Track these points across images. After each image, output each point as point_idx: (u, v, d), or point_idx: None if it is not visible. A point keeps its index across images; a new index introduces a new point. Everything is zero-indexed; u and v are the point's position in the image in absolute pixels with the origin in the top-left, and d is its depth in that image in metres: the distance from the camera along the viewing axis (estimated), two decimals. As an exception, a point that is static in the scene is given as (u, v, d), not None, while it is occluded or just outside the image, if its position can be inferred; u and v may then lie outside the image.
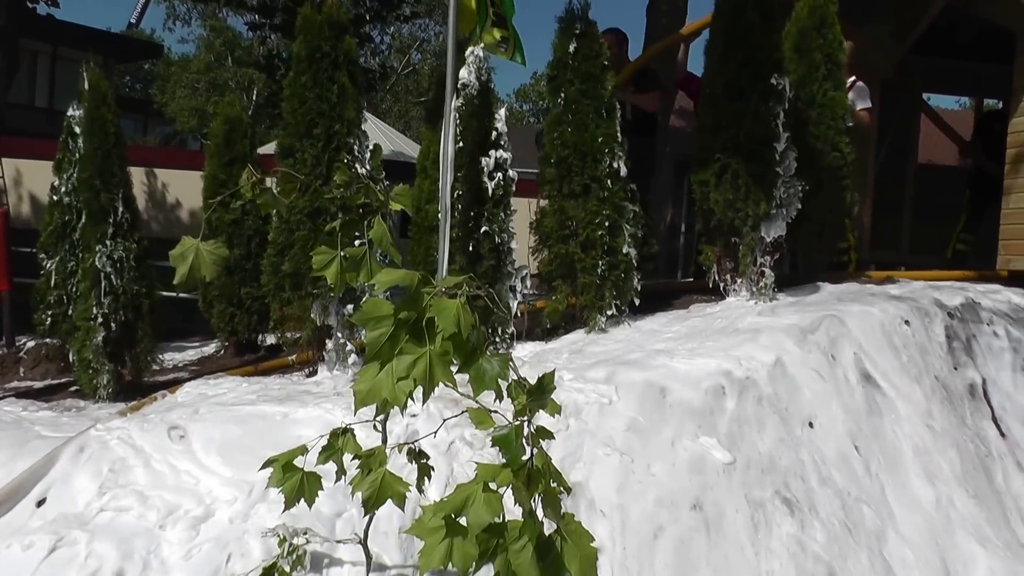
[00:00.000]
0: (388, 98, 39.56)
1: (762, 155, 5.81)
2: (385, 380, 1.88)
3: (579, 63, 5.87)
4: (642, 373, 4.54)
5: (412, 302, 1.89)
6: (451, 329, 1.82)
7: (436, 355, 1.87)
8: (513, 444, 2.02)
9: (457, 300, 1.91)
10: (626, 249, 5.76)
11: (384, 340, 1.88)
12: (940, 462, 4.67)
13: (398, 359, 1.87)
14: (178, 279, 2.25)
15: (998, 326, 5.73)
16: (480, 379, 1.91)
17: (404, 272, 2.02)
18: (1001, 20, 7.39)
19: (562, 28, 5.94)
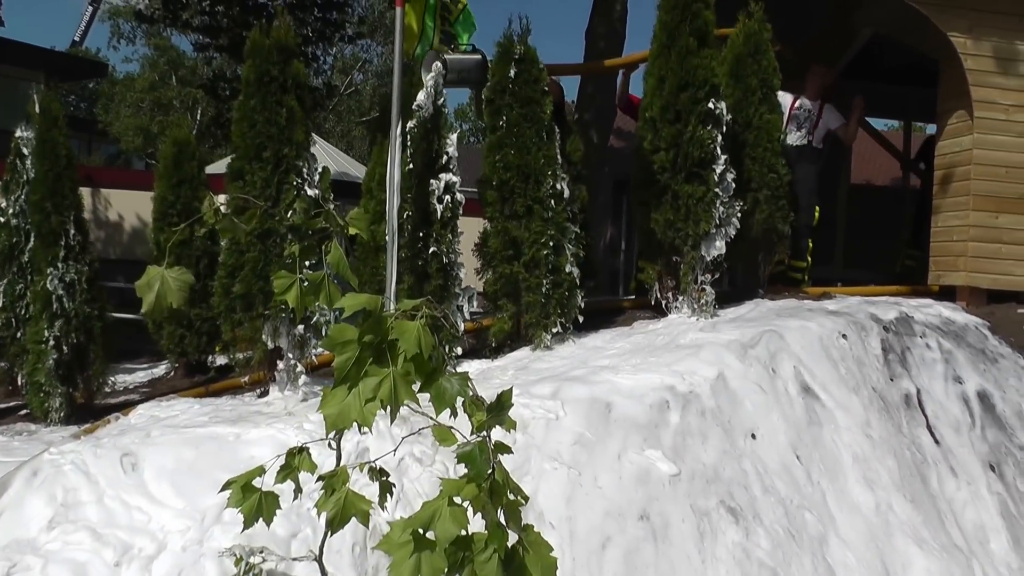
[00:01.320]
0: (331, 118, 39.47)
1: (701, 176, 5.97)
2: (354, 402, 1.94)
3: (519, 87, 5.98)
4: (587, 389, 4.65)
5: (376, 325, 1.95)
6: (413, 350, 1.90)
7: (399, 376, 1.94)
8: (478, 459, 2.08)
9: (418, 322, 1.96)
10: (569, 268, 5.88)
11: (351, 364, 1.94)
12: (879, 469, 4.82)
13: (364, 381, 1.93)
14: (145, 307, 2.29)
15: (930, 339, 5.90)
16: (441, 397, 1.98)
17: (368, 296, 2.08)
18: (925, 49, 7.67)
19: (501, 53, 6.04)
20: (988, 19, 7.23)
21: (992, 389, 5.68)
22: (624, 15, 11.98)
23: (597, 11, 11.91)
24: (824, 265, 8.41)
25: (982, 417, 5.46)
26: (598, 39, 11.69)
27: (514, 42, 6.04)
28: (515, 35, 6.06)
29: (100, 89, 42.51)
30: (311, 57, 16.05)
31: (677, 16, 6.10)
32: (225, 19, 14.00)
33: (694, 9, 6.11)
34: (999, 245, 7.29)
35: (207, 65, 29.83)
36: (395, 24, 5.31)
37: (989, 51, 7.21)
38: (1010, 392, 5.75)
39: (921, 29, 7.32)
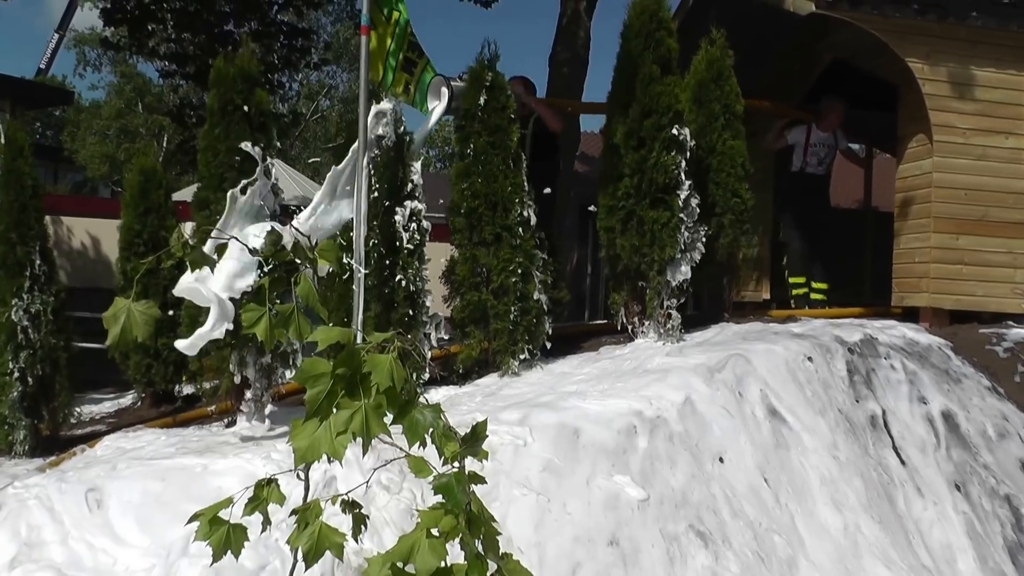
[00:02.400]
0: (298, 144, 39.47)
1: (666, 202, 6.02)
2: (324, 435, 1.93)
3: (488, 115, 6.01)
4: (555, 415, 4.66)
5: (349, 359, 1.95)
6: (386, 383, 1.89)
7: (371, 409, 1.93)
8: (455, 490, 2.07)
9: (390, 355, 1.94)
10: (537, 295, 5.91)
11: (323, 397, 1.93)
12: (846, 490, 4.86)
13: (336, 414, 1.92)
14: (110, 340, 2.28)
15: (895, 360, 5.97)
16: (414, 429, 1.97)
17: (340, 330, 2.09)
18: (885, 74, 7.81)
19: (471, 80, 6.06)
20: (945, 45, 7.37)
21: (956, 409, 5.75)
22: (587, 42, 12.12)
23: (561, 38, 12.04)
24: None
25: (947, 437, 5.52)
26: (562, 65, 11.81)
27: (485, 69, 6.07)
28: (485, 61, 6.09)
29: (66, 117, 42.22)
30: (277, 84, 16.07)
31: (640, 44, 6.17)
32: (191, 46, 14.02)
33: (657, 37, 6.18)
34: (960, 266, 7.40)
35: (173, 92, 29.71)
36: (360, 52, 5.33)
37: (946, 76, 7.34)
38: (974, 412, 5.83)
39: (881, 55, 7.45)
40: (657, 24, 6.21)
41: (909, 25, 7.29)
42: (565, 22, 12.09)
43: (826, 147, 8.38)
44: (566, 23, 12.07)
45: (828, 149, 8.38)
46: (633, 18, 6.27)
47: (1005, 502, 5.24)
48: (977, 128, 7.43)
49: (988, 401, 6.03)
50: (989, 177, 7.46)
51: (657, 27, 6.21)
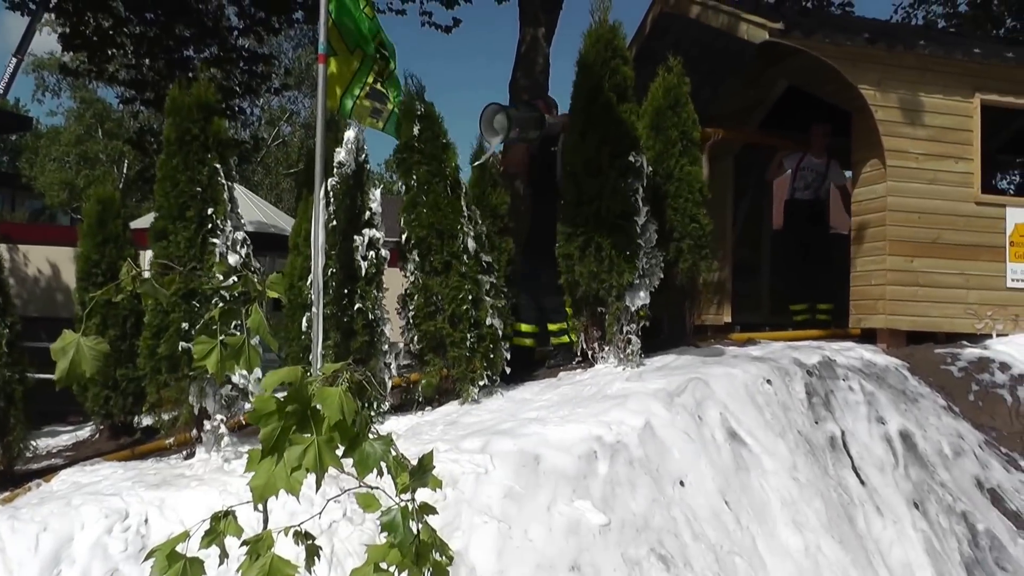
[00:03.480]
0: (260, 170, 39.28)
1: (624, 228, 6.05)
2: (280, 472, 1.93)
3: (424, 144, 6.06)
4: (516, 442, 4.67)
5: (298, 395, 1.95)
6: (336, 417, 1.90)
7: (323, 443, 1.94)
8: (401, 527, 2.08)
9: (339, 388, 1.95)
10: (491, 321, 5.92)
11: (276, 434, 1.93)
12: (807, 511, 4.89)
13: (289, 451, 1.93)
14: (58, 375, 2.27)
15: (853, 381, 6.04)
16: (365, 462, 1.97)
17: (287, 370, 2.09)
18: (838, 100, 7.95)
19: (404, 112, 6.05)
20: (895, 73, 7.54)
21: (914, 428, 5.82)
22: (547, 68, 12.19)
23: (520, 65, 12.11)
24: (751, 311, 8.58)
25: (905, 456, 5.59)
26: (521, 92, 11.86)
27: (414, 99, 6.10)
28: (414, 92, 6.12)
29: (24, 143, 41.72)
30: (238, 110, 15.98)
31: (597, 72, 6.21)
32: (151, 72, 13.91)
33: (613, 65, 6.24)
34: (916, 288, 7.53)
35: (133, 118, 29.46)
36: (318, 79, 5.34)
37: (897, 103, 7.50)
38: (931, 431, 5.91)
39: (834, 82, 7.59)
40: (613, 52, 6.27)
41: (860, 53, 7.45)
42: (524, 49, 12.15)
43: (815, 172, 8.58)
44: (525, 50, 12.14)
45: (816, 175, 8.55)
46: (589, 46, 6.32)
47: (962, 519, 5.30)
48: (928, 153, 7.60)
49: (944, 420, 6.13)
50: (941, 201, 7.62)
51: (613, 55, 6.26)
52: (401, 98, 5.93)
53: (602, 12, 6.38)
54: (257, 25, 14.48)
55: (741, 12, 7.56)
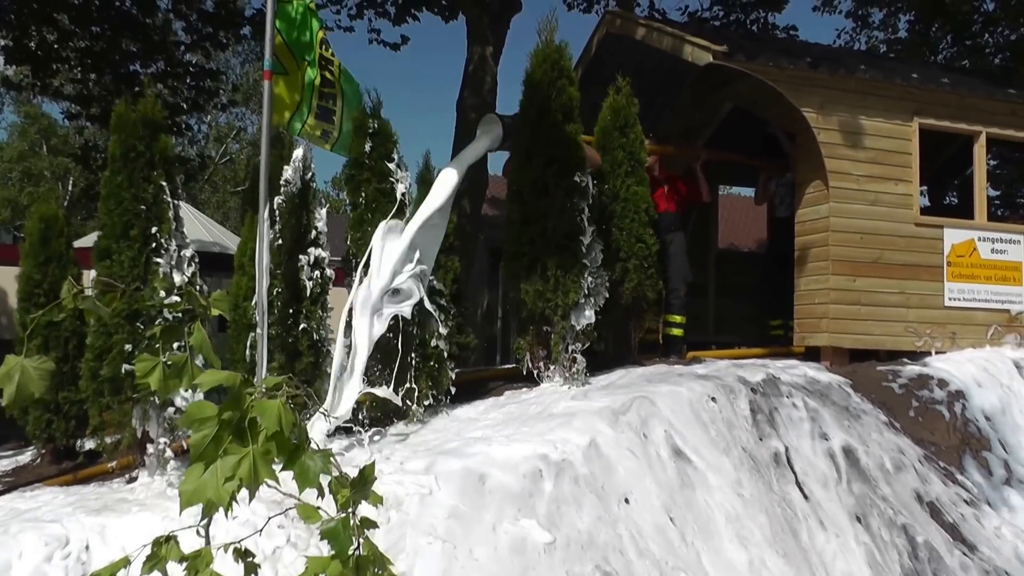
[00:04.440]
0: (206, 188, 38.84)
1: (569, 248, 6.08)
2: (210, 480, 1.90)
3: (375, 162, 6.01)
4: (461, 461, 4.66)
5: (235, 402, 1.92)
6: (273, 428, 1.87)
7: (259, 454, 1.90)
8: (342, 536, 2.06)
9: (278, 400, 1.93)
10: (436, 341, 5.90)
11: (208, 441, 1.90)
12: (751, 526, 4.92)
13: (223, 460, 1.89)
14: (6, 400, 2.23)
15: (797, 398, 6.11)
16: (304, 475, 1.95)
17: (227, 373, 2.07)
18: (782, 122, 8.09)
19: (357, 128, 6.05)
20: (838, 96, 7.69)
21: (856, 444, 5.89)
22: (494, 88, 12.28)
23: (468, 84, 12.18)
24: (697, 330, 8.66)
25: (848, 471, 5.65)
26: (468, 110, 11.92)
27: (368, 116, 6.07)
28: (368, 109, 6.10)
29: (-35, 159, 40.84)
30: (184, 126, 15.81)
31: (543, 92, 6.25)
32: (97, 87, 13.73)
33: (559, 85, 6.28)
34: (858, 307, 7.66)
35: (79, 134, 28.97)
36: (264, 97, 5.32)
37: (839, 126, 7.65)
38: (873, 446, 5.99)
39: (778, 104, 7.71)
40: (559, 72, 6.31)
41: (803, 76, 7.59)
42: (472, 68, 12.23)
43: (785, 186, 8.67)
44: (473, 69, 12.21)
45: (787, 187, 8.65)
46: (535, 67, 6.36)
47: (902, 532, 5.38)
48: (870, 175, 7.75)
49: (886, 435, 6.22)
50: (882, 221, 7.78)
51: (559, 75, 6.30)
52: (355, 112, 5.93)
53: (548, 32, 6.41)
54: (204, 40, 14.39)
55: (686, 35, 7.67)
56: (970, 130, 8.34)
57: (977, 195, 8.41)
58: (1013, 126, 8.47)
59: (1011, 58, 18.46)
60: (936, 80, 8.40)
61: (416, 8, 14.60)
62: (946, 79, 8.60)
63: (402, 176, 6.08)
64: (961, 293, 8.04)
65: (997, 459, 6.45)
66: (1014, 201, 20.11)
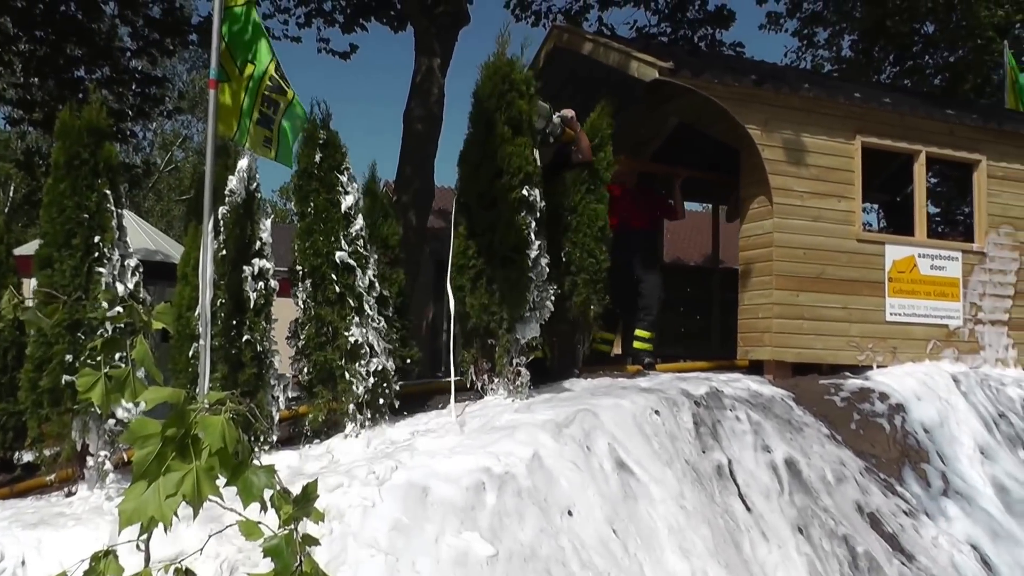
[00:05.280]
0: (151, 196, 38.31)
1: (515, 261, 6.07)
2: (152, 498, 1.88)
3: (324, 173, 6.00)
4: (404, 474, 4.64)
5: (178, 419, 1.90)
6: (217, 444, 1.86)
7: (203, 471, 1.89)
8: (284, 552, 2.05)
9: (222, 416, 1.91)
10: (382, 353, 5.87)
11: (151, 458, 1.88)
12: (693, 538, 4.95)
13: (165, 477, 1.88)
14: None
15: (740, 411, 6.17)
16: (248, 491, 1.93)
17: (171, 390, 2.05)
18: (727, 138, 8.18)
19: (306, 138, 6.04)
20: (781, 114, 7.80)
21: (798, 456, 5.96)
22: (441, 99, 12.30)
23: (415, 94, 12.18)
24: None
25: (790, 483, 5.71)
26: (415, 121, 11.93)
27: (317, 127, 6.07)
28: (318, 120, 6.09)
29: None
30: (129, 133, 15.61)
31: (493, 105, 6.25)
32: (40, 92, 13.52)
33: (509, 98, 6.26)
34: (801, 321, 7.76)
35: (21, 139, 28.45)
36: (209, 105, 5.26)
37: (783, 143, 7.75)
38: (815, 458, 6.06)
39: (723, 120, 7.79)
40: (509, 86, 6.30)
41: (748, 94, 7.69)
42: (419, 79, 12.23)
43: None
44: (420, 80, 12.22)
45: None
46: (486, 79, 6.36)
47: (843, 542, 5.44)
48: (813, 191, 7.87)
49: (827, 448, 6.29)
50: (825, 237, 7.89)
51: (509, 88, 6.29)
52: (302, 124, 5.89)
53: (501, 45, 6.42)
54: (151, 46, 14.25)
55: (632, 51, 7.73)
56: (910, 149, 8.52)
57: (917, 213, 8.58)
58: (951, 145, 8.67)
59: (950, 79, 18.95)
60: (878, 99, 8.56)
61: (365, 18, 14.60)
62: (888, 99, 8.77)
63: (351, 188, 6.05)
64: (902, 308, 8.19)
65: (935, 470, 6.56)
66: (954, 219, 20.61)
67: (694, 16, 16.83)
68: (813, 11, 19.76)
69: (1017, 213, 8.87)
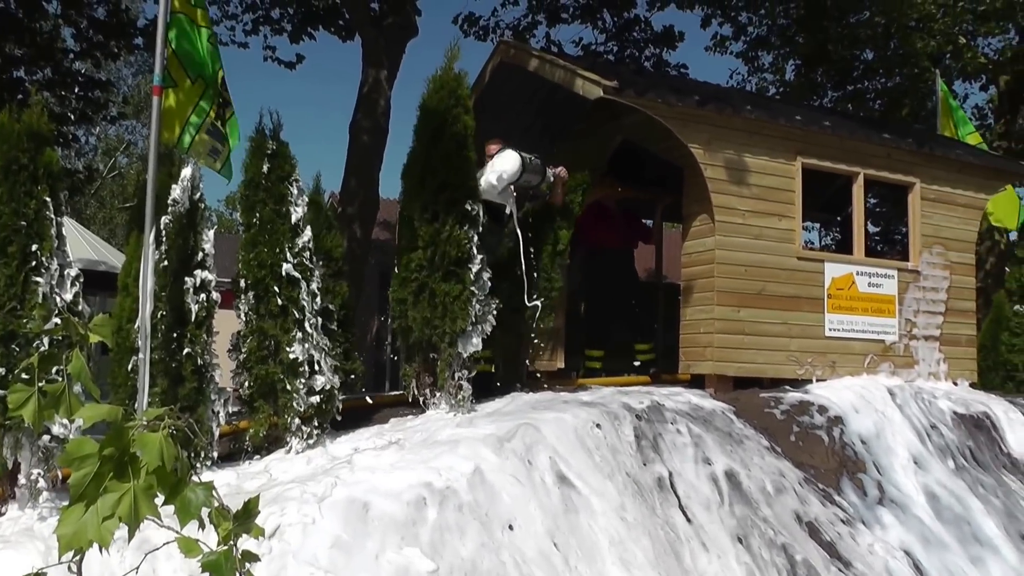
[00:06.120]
0: (93, 203, 37.58)
1: (458, 275, 6.08)
2: (91, 521, 1.84)
3: (272, 184, 5.95)
4: (345, 490, 4.62)
5: (116, 438, 1.87)
6: (156, 463, 1.83)
7: (141, 490, 1.86)
8: (223, 568, 2.03)
9: (160, 433, 1.89)
10: (325, 367, 5.84)
11: (89, 480, 1.84)
12: (634, 550, 4.99)
13: (103, 498, 1.84)
14: None
15: (681, 424, 6.22)
16: (186, 509, 1.91)
17: (108, 408, 2.02)
18: (671, 156, 8.26)
19: (254, 148, 6.00)
20: (724, 134, 7.90)
21: (739, 468, 6.02)
22: (388, 111, 12.31)
23: (362, 106, 12.18)
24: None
25: (730, 494, 5.77)
26: (362, 133, 11.92)
27: (266, 137, 6.02)
28: (267, 130, 6.05)
29: None
30: (71, 138, 15.32)
31: (438, 119, 6.26)
32: (-23, 93, 13.24)
33: (455, 113, 6.28)
34: (742, 336, 7.86)
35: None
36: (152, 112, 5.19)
37: (725, 162, 7.83)
38: (755, 470, 6.13)
39: (667, 139, 7.84)
40: (456, 101, 6.32)
41: (691, 114, 7.76)
42: (367, 89, 12.23)
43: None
44: (367, 91, 12.21)
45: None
46: (432, 93, 6.36)
47: (782, 551, 5.51)
48: (754, 210, 7.97)
49: (767, 459, 6.37)
50: (766, 255, 8.00)
51: (455, 103, 6.31)
52: (238, 142, 5.84)
53: (450, 59, 6.44)
54: (95, 49, 14.04)
55: (577, 68, 7.78)
56: (849, 171, 8.67)
57: (856, 232, 8.74)
58: (888, 168, 8.85)
59: (888, 104, 19.44)
60: (819, 123, 8.71)
61: (313, 26, 14.57)
62: (828, 122, 8.93)
63: (300, 200, 6.02)
64: (840, 324, 8.33)
65: (872, 480, 6.67)
66: (892, 238, 21.08)
67: (640, 36, 17.05)
68: (758, 35, 20.12)
69: (948, 234, 9.10)
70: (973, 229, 9.49)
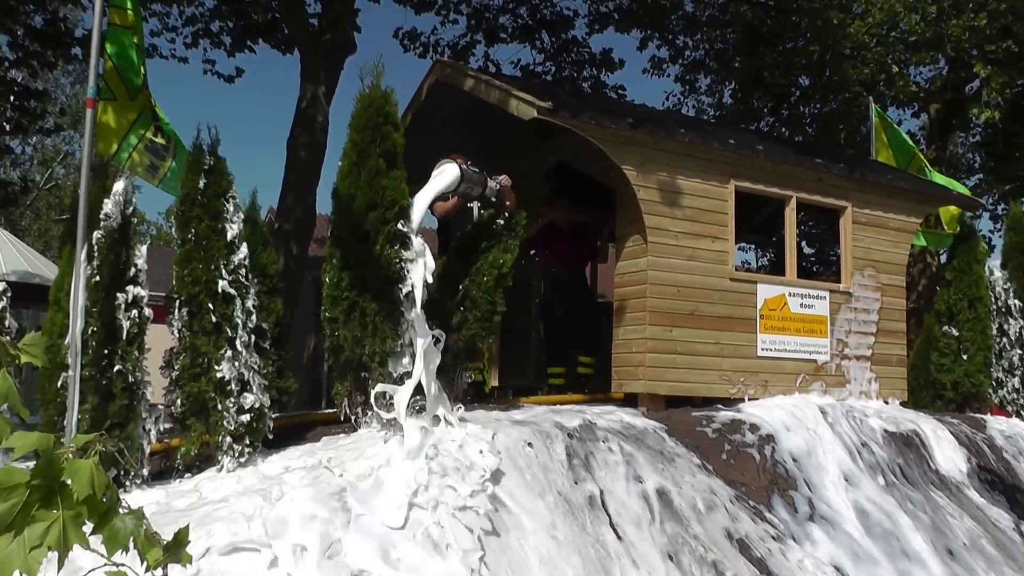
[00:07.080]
0: (28, 214, 36.82)
1: (388, 295, 6.04)
2: (17, 551, 1.81)
3: (208, 200, 5.90)
4: (274, 511, 4.59)
5: (46, 468, 1.85)
6: (86, 492, 1.81)
7: (70, 519, 1.84)
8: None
9: (90, 461, 1.87)
10: (257, 386, 5.81)
11: (17, 510, 1.82)
12: (564, 567, 5.01)
13: (30, 527, 1.82)
14: None
15: (613, 443, 6.25)
16: (114, 538, 1.89)
17: (39, 436, 1.99)
18: (604, 177, 8.33)
19: (191, 163, 5.93)
20: (657, 156, 8.02)
21: (670, 486, 6.06)
22: (326, 127, 12.30)
23: (299, 122, 12.15)
24: (518, 376, 8.79)
25: (661, 512, 5.80)
26: (299, 148, 11.89)
27: (204, 152, 5.96)
28: (205, 145, 5.98)
29: None
30: (6, 148, 15.00)
31: (367, 136, 6.22)
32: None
33: (384, 131, 6.24)
34: (674, 356, 7.97)
35: None
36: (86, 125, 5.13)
37: (658, 184, 7.94)
38: (686, 487, 6.18)
39: (601, 160, 7.91)
40: (384, 118, 6.28)
41: (624, 136, 7.87)
42: (304, 105, 12.21)
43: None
44: (305, 106, 12.19)
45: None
46: (360, 110, 6.31)
47: (712, 568, 5.57)
48: (687, 232, 8.11)
49: (699, 477, 6.43)
50: (698, 276, 8.13)
51: (384, 121, 6.27)
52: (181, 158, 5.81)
53: (376, 77, 6.39)
54: (31, 58, 13.80)
55: (512, 89, 7.84)
56: (782, 194, 8.87)
57: (788, 254, 8.93)
58: (820, 192, 9.07)
59: (823, 129, 19.93)
60: (752, 146, 8.89)
61: (252, 40, 14.50)
62: (761, 146, 9.12)
63: (237, 217, 5.98)
64: (773, 344, 8.50)
65: (802, 497, 6.78)
66: (828, 259, 21.55)
67: (578, 57, 17.26)
68: (695, 58, 20.50)
69: (878, 257, 9.35)
70: (904, 252, 9.77)
